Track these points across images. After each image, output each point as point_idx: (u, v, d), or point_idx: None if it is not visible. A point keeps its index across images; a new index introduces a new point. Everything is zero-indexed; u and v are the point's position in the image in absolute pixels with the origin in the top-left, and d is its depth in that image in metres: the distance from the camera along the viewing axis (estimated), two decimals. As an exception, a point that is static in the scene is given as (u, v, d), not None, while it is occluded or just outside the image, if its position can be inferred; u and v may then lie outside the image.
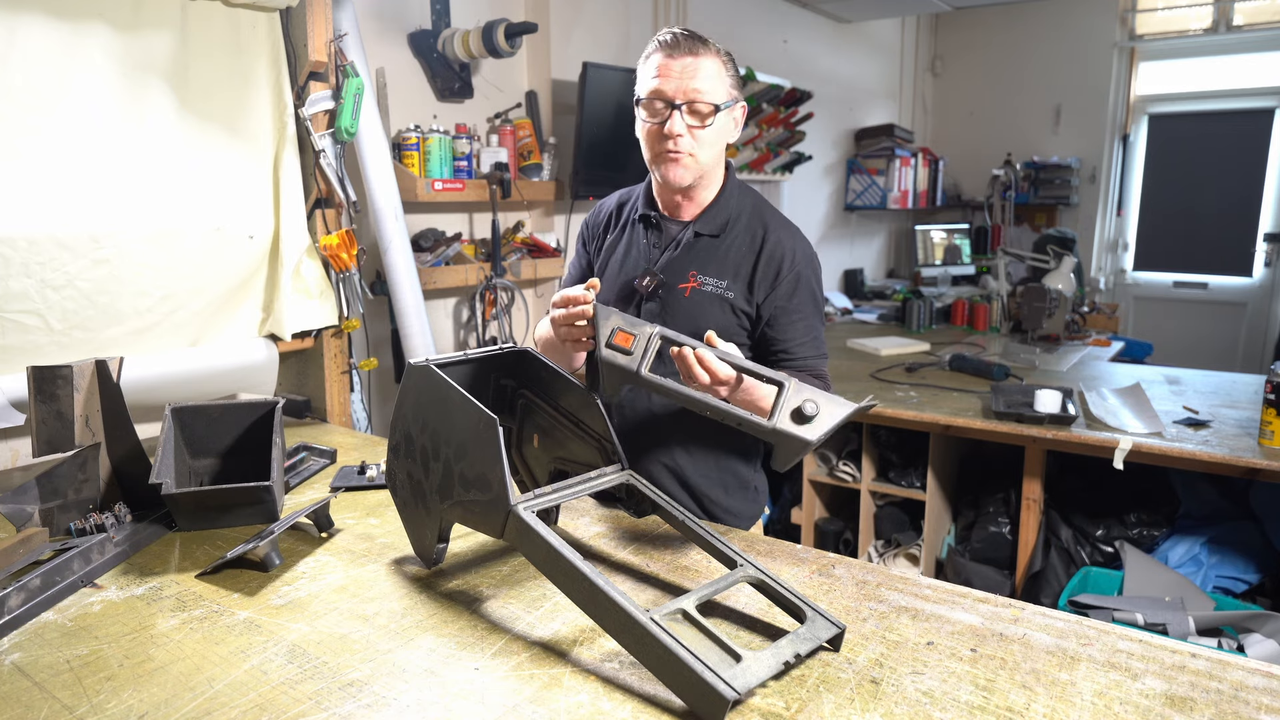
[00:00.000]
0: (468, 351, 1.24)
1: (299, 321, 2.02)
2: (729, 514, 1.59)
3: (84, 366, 1.43)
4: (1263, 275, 5.52)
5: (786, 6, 4.65)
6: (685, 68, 1.39)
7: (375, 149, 2.22)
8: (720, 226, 1.50)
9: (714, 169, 1.50)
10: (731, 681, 0.84)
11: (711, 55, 1.41)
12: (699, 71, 1.39)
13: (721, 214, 1.51)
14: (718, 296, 1.47)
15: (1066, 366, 3.23)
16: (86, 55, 1.67)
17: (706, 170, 1.47)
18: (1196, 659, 0.95)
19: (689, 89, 1.39)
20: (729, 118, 1.45)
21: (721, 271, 1.48)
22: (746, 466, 1.62)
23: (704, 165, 1.46)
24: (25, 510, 1.29)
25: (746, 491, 1.63)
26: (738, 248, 1.49)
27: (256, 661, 0.98)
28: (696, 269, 1.49)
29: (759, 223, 1.51)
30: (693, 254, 1.50)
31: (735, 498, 1.60)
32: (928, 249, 5.52)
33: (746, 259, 1.48)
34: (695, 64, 1.39)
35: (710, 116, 1.40)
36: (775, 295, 1.47)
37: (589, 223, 1.69)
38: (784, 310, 1.47)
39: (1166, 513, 2.66)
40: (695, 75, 1.39)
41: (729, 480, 1.59)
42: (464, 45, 2.73)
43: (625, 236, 1.59)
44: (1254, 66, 5.37)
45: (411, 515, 1.19)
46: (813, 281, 1.51)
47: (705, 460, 1.56)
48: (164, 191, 1.80)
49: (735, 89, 1.45)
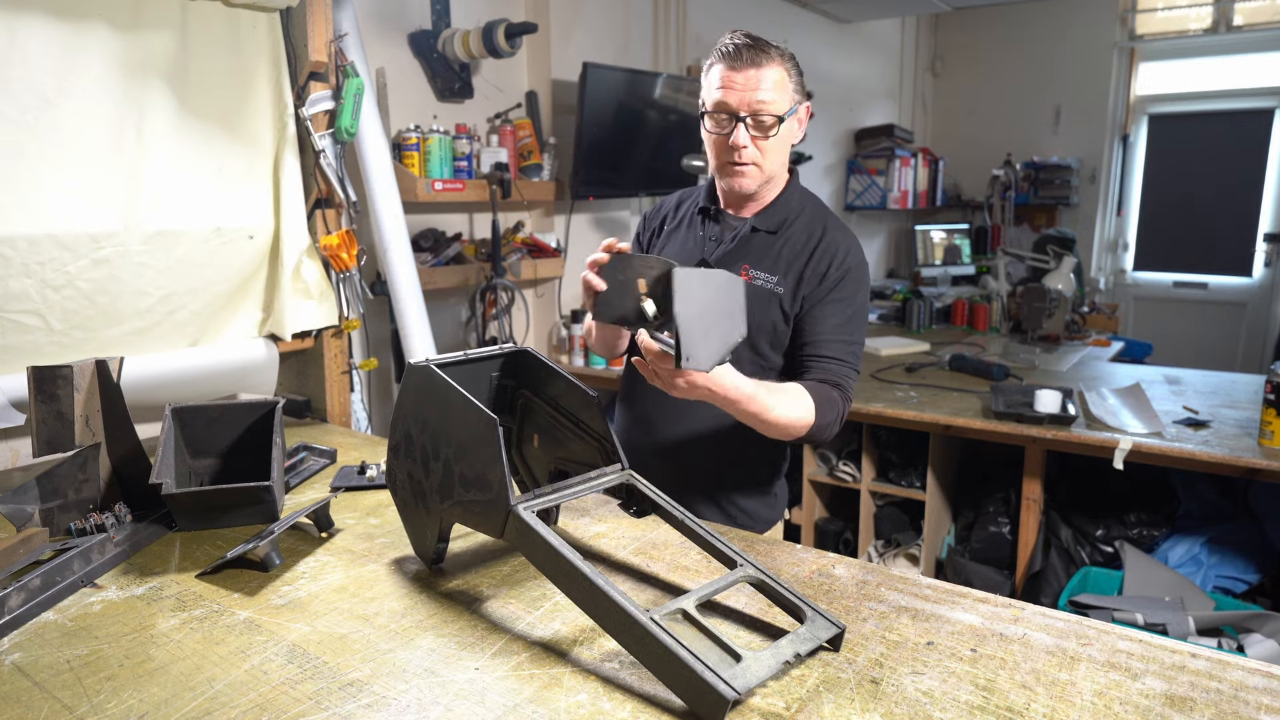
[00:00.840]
0: (468, 351, 1.24)
1: (299, 321, 2.02)
2: (746, 515, 1.61)
3: (84, 366, 1.43)
4: (1263, 275, 5.52)
5: (786, 6, 4.66)
6: (749, 79, 1.39)
7: (375, 149, 2.22)
8: (778, 224, 1.50)
9: (779, 172, 1.51)
10: (731, 681, 0.84)
11: (775, 64, 1.40)
12: (762, 83, 1.39)
13: (781, 212, 1.51)
14: (767, 292, 1.47)
15: (1066, 366, 3.23)
16: (86, 55, 1.67)
17: (772, 175, 1.49)
18: (1196, 659, 0.95)
19: (753, 101, 1.39)
20: (793, 123, 1.46)
21: (774, 268, 1.48)
22: (769, 470, 1.63)
23: (769, 172, 1.48)
24: (25, 510, 1.29)
25: (767, 497, 1.64)
26: (792, 245, 1.49)
27: (256, 661, 0.98)
28: (750, 263, 1.49)
29: (819, 223, 1.51)
30: (747, 248, 1.50)
31: (753, 500, 1.62)
32: (928, 249, 5.52)
33: (800, 257, 1.48)
34: (758, 75, 1.39)
35: (774, 127, 1.41)
36: (819, 289, 1.46)
37: (647, 217, 1.70)
38: (821, 302, 1.45)
39: (1166, 513, 2.66)
40: (759, 87, 1.39)
41: (748, 481, 1.61)
42: (464, 45, 2.73)
43: (683, 229, 1.60)
44: (1254, 66, 5.37)
45: (411, 515, 1.19)
46: (858, 283, 1.49)
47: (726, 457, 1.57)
48: (164, 191, 1.80)
49: (798, 92, 1.45)
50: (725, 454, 1.57)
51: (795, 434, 1.38)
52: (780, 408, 1.32)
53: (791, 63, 1.44)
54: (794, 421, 1.35)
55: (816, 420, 1.37)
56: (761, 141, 1.42)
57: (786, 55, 1.44)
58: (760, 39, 1.42)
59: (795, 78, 1.44)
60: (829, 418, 1.40)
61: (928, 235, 5.53)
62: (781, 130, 1.42)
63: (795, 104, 1.43)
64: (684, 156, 3.24)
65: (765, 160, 1.44)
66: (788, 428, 1.36)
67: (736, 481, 1.59)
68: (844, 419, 1.45)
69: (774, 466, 1.64)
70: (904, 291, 4.76)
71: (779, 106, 1.40)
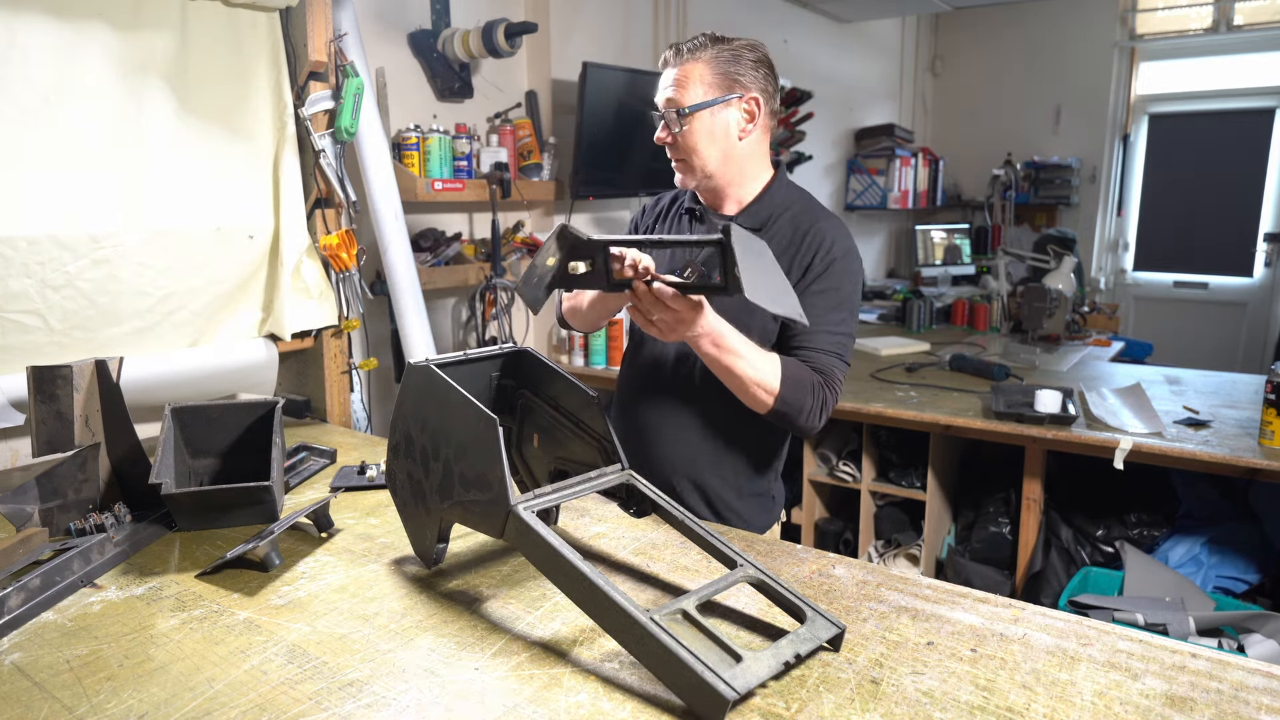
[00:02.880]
0: (468, 351, 1.24)
1: (299, 321, 2.02)
2: (740, 519, 1.59)
3: (84, 366, 1.43)
4: (1263, 275, 5.52)
5: (786, 6, 4.66)
6: (665, 79, 1.46)
7: (375, 149, 2.22)
8: (762, 220, 1.49)
9: (733, 167, 1.49)
10: (731, 681, 0.84)
11: (691, 62, 1.43)
12: (673, 79, 1.44)
13: (765, 209, 1.50)
14: None
15: (1066, 366, 3.23)
16: (86, 55, 1.67)
17: (717, 171, 1.47)
18: (1197, 659, 0.95)
19: (665, 99, 1.45)
20: (716, 116, 1.44)
21: None
22: (764, 472, 1.62)
23: (709, 166, 1.46)
24: (25, 510, 1.29)
25: (762, 499, 1.62)
26: (778, 241, 1.47)
27: (256, 661, 0.98)
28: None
29: (806, 217, 1.49)
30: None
31: (748, 503, 1.61)
32: (928, 249, 5.51)
33: (786, 252, 1.46)
34: (672, 74, 1.45)
35: (681, 121, 1.43)
36: (804, 280, 1.45)
37: (646, 208, 1.71)
38: (805, 293, 1.44)
39: (1166, 513, 2.66)
40: (670, 86, 1.44)
41: (744, 484, 1.59)
42: (464, 45, 2.73)
43: (670, 231, 1.60)
44: (1254, 66, 5.37)
45: (411, 515, 1.19)
46: (846, 273, 1.47)
47: (721, 462, 1.57)
48: (164, 191, 1.80)
49: (723, 87, 1.43)
50: (720, 458, 1.57)
51: (762, 402, 1.37)
52: (754, 365, 1.34)
53: (722, 59, 1.43)
54: (762, 383, 1.35)
55: (781, 393, 1.36)
56: (677, 134, 1.44)
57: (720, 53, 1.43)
58: (699, 41, 1.44)
59: (721, 71, 1.43)
60: (800, 398, 1.38)
61: (928, 235, 5.53)
62: (695, 123, 1.42)
63: (717, 95, 1.43)
64: (684, 156, 3.23)
65: (693, 156, 1.46)
66: (755, 390, 1.35)
67: (731, 485, 1.59)
68: (827, 409, 1.42)
69: (769, 469, 1.63)
70: (904, 291, 4.76)
71: (688, 99, 1.42)
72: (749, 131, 1.47)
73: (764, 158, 1.53)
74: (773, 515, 1.66)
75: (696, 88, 1.42)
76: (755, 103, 1.46)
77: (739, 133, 1.46)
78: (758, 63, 1.45)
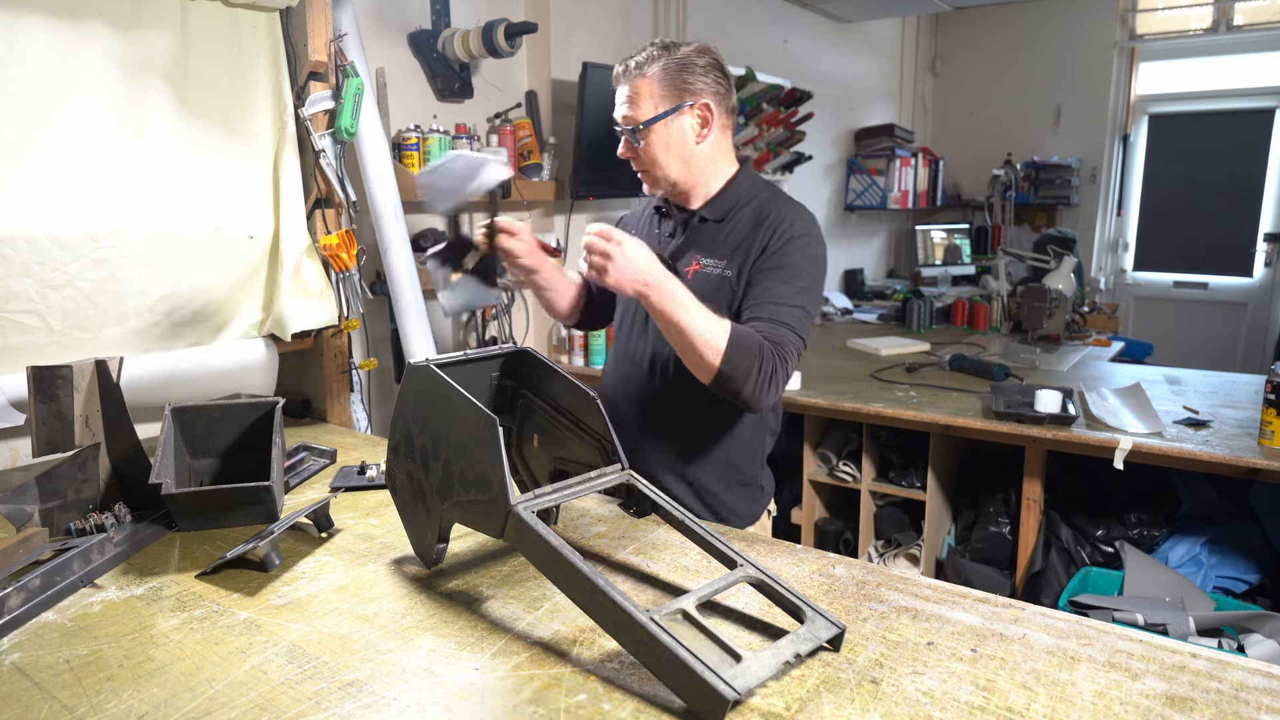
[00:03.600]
0: (468, 351, 1.24)
1: (299, 321, 2.02)
2: (730, 511, 1.61)
3: (84, 366, 1.43)
4: (1263, 275, 5.52)
5: (786, 6, 4.66)
6: (620, 96, 1.52)
7: (375, 149, 2.22)
8: (724, 212, 1.53)
9: (696, 171, 1.53)
10: (731, 681, 0.84)
11: (638, 79, 1.48)
12: (625, 97, 1.50)
13: (728, 200, 1.54)
14: (717, 276, 1.50)
15: (1067, 366, 3.23)
16: (86, 55, 1.67)
17: (680, 178, 1.53)
18: (1197, 659, 0.95)
19: (622, 116, 1.52)
20: (671, 126, 1.49)
21: (720, 252, 1.51)
22: (751, 463, 1.63)
23: (671, 174, 1.52)
24: (25, 510, 1.29)
25: (750, 489, 1.64)
26: (740, 229, 1.51)
27: (256, 661, 0.98)
28: (699, 252, 1.53)
29: (770, 206, 1.52)
30: (697, 238, 1.55)
31: (737, 494, 1.62)
32: (928, 249, 5.51)
33: (747, 238, 1.50)
34: (624, 92, 1.51)
35: (639, 136, 1.49)
36: (760, 260, 1.46)
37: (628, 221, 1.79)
38: (761, 270, 1.45)
39: (1166, 513, 2.66)
40: (624, 103, 1.51)
41: (730, 475, 1.61)
42: (464, 45, 2.73)
43: (644, 232, 1.67)
44: (1254, 66, 5.37)
45: (411, 515, 1.19)
46: (803, 251, 1.45)
47: (707, 454, 1.59)
48: (164, 191, 1.80)
49: (674, 97, 1.48)
50: (705, 451, 1.58)
51: (708, 364, 1.33)
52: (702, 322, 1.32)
53: (669, 70, 1.47)
54: (709, 342, 1.32)
55: (727, 353, 1.32)
56: (638, 148, 1.51)
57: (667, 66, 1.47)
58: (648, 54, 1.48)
59: (669, 83, 1.47)
60: (747, 363, 1.33)
61: (928, 235, 5.53)
62: (653, 136, 1.48)
63: (670, 107, 1.48)
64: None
65: (655, 167, 1.52)
66: (702, 349, 1.32)
67: (719, 477, 1.60)
68: (777, 380, 1.37)
69: (755, 459, 1.64)
70: (904, 291, 4.76)
71: (642, 114, 1.48)
72: (705, 135, 1.51)
73: (726, 156, 1.57)
74: (760, 505, 1.67)
75: (648, 102, 1.48)
76: (707, 108, 1.50)
77: (695, 138, 1.51)
78: (707, 67, 1.49)
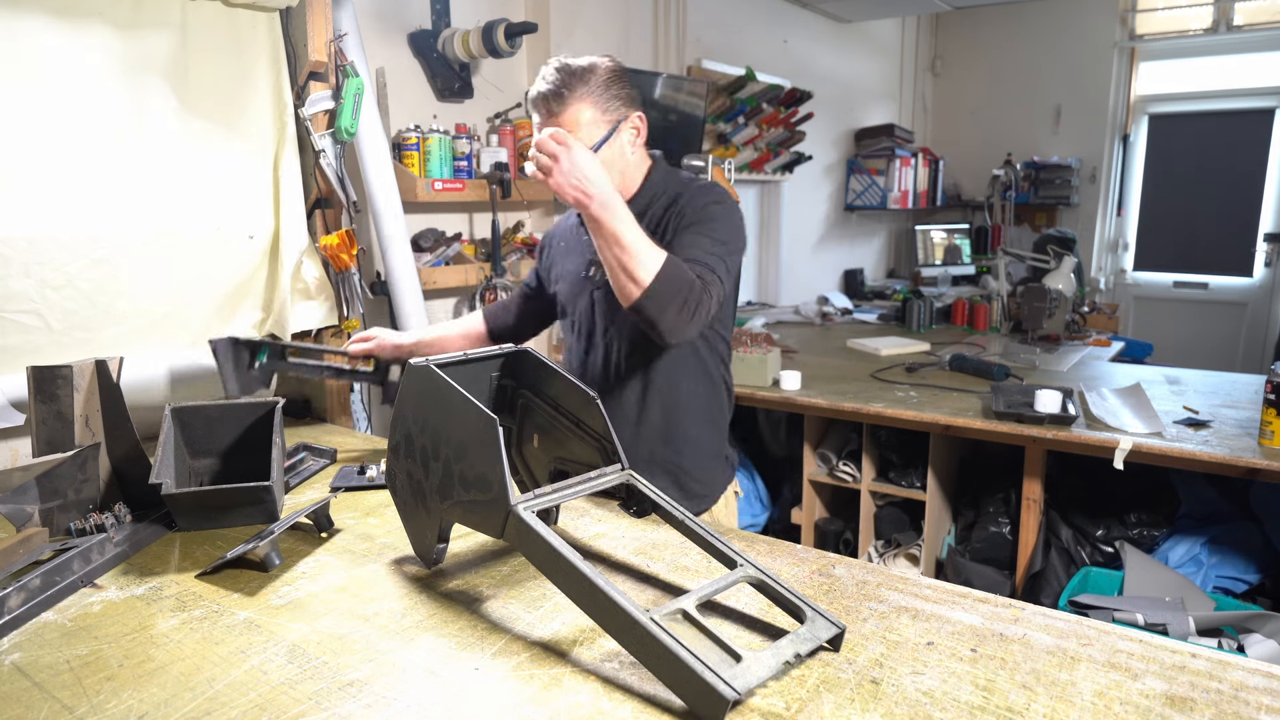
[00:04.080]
0: (468, 352, 1.24)
1: (299, 321, 2.02)
2: (703, 485, 1.67)
3: (84, 366, 1.44)
4: (1263, 275, 5.52)
5: (786, 6, 4.66)
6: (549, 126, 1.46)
7: (375, 149, 2.22)
8: (645, 206, 1.57)
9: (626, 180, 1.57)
10: (731, 681, 0.84)
11: (571, 105, 1.46)
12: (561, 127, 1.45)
13: (645, 195, 1.58)
14: None
15: (1066, 366, 3.23)
16: (86, 55, 1.67)
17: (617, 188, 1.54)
18: (1197, 659, 0.95)
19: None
20: (612, 147, 1.50)
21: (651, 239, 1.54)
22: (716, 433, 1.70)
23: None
24: (25, 510, 1.29)
25: (718, 460, 1.71)
26: (659, 217, 1.56)
27: (256, 661, 0.98)
28: None
29: (688, 192, 1.56)
30: None
31: (708, 466, 1.68)
32: (928, 249, 5.52)
33: (663, 217, 1.55)
34: (558, 123, 1.46)
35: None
36: (682, 223, 1.50)
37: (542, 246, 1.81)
38: (684, 231, 1.49)
39: (1166, 513, 2.66)
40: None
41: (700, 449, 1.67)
42: (464, 45, 2.73)
43: (570, 240, 1.71)
44: (1254, 66, 5.37)
45: (411, 515, 1.19)
46: (716, 218, 1.50)
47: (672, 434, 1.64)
48: (164, 191, 1.81)
49: (609, 114, 1.48)
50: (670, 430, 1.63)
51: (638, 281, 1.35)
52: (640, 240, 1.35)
53: (596, 91, 1.47)
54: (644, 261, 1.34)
55: (660, 272, 1.34)
56: None
57: (591, 87, 1.47)
58: (561, 78, 1.46)
59: (602, 102, 1.47)
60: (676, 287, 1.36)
61: (928, 235, 5.53)
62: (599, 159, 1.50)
63: (610, 128, 1.48)
64: (684, 157, 3.24)
65: None
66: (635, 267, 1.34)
67: (689, 455, 1.65)
68: (700, 312, 1.40)
69: (718, 429, 1.70)
70: (904, 291, 4.76)
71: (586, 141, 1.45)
72: (638, 145, 1.56)
73: (643, 156, 1.61)
74: (728, 476, 1.74)
75: (589, 130, 1.47)
76: (639, 119, 1.54)
77: (631, 150, 1.55)
78: (623, 80, 1.52)
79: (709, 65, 3.91)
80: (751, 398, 2.87)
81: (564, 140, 1.34)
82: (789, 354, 3.42)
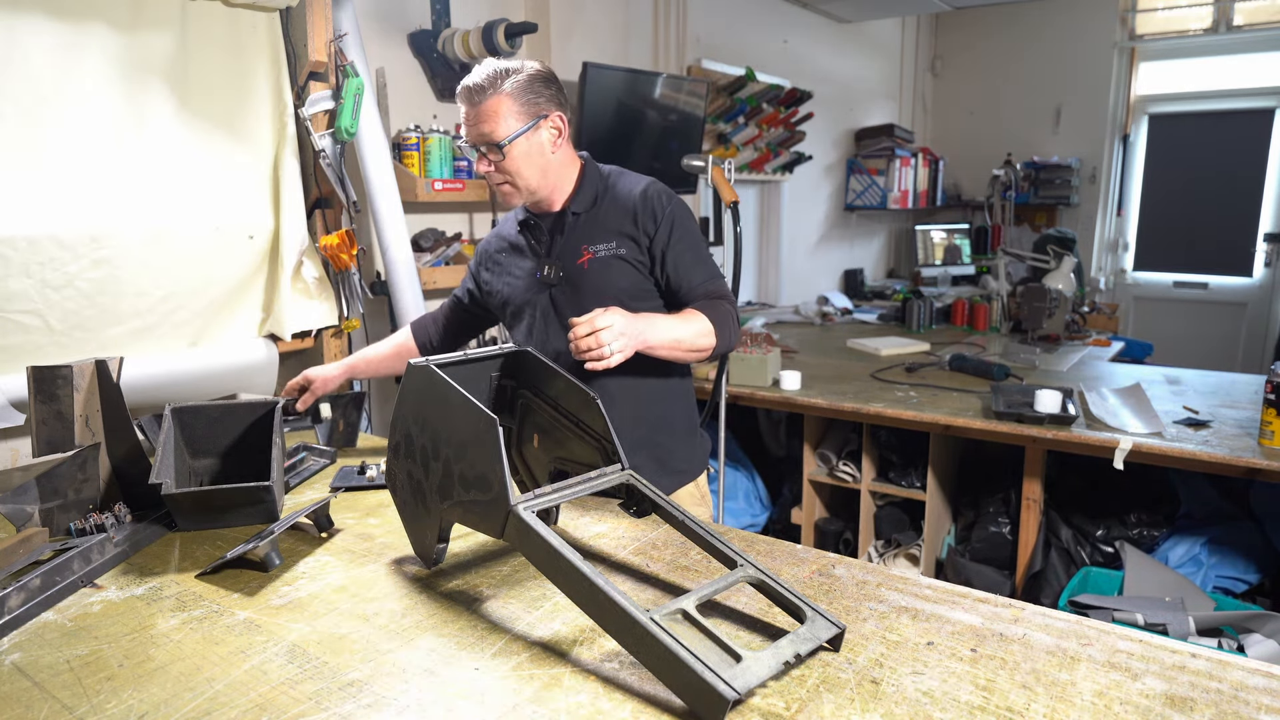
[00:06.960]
0: (468, 351, 1.24)
1: (299, 321, 2.02)
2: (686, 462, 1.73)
3: (84, 366, 1.43)
4: (1263, 275, 5.52)
5: (786, 6, 4.66)
6: (472, 116, 1.55)
7: (375, 149, 2.22)
8: (591, 201, 1.63)
9: (552, 177, 1.62)
10: (731, 681, 0.84)
11: (491, 98, 1.53)
12: (480, 117, 1.53)
13: (589, 190, 1.64)
14: (613, 258, 1.61)
15: (1066, 366, 3.23)
16: (86, 55, 1.67)
17: (539, 186, 1.61)
18: (1196, 659, 0.95)
19: (479, 134, 1.55)
20: (530, 141, 1.55)
21: (607, 236, 1.62)
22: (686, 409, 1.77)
23: (532, 184, 1.60)
24: (25, 510, 1.29)
25: (693, 435, 1.78)
26: (614, 212, 1.62)
27: (256, 661, 0.98)
28: (585, 243, 1.62)
29: (625, 185, 1.65)
30: (577, 232, 1.64)
31: (686, 443, 1.75)
32: (928, 249, 5.52)
33: (624, 217, 1.61)
34: (477, 112, 1.53)
35: (501, 152, 1.54)
36: (658, 237, 1.60)
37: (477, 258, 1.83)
38: (670, 249, 1.61)
39: (1166, 513, 2.66)
40: (479, 121, 1.54)
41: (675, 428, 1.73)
42: (464, 45, 2.73)
43: (512, 248, 1.73)
44: (1254, 66, 5.37)
45: (411, 515, 1.19)
46: (685, 218, 1.64)
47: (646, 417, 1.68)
48: (164, 191, 1.81)
49: (527, 112, 1.54)
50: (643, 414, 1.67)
51: (706, 351, 1.56)
52: (689, 330, 1.53)
53: (519, 88, 1.53)
54: (700, 337, 1.54)
55: (718, 333, 1.56)
56: (500, 164, 1.55)
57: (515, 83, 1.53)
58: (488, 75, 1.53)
59: (524, 100, 1.53)
60: (729, 329, 1.59)
61: (928, 235, 5.53)
62: (515, 150, 1.54)
63: (527, 123, 1.53)
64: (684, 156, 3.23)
65: (518, 179, 1.58)
66: (703, 346, 1.54)
67: (665, 436, 1.71)
68: (738, 319, 1.64)
69: (687, 404, 1.78)
70: (904, 291, 4.76)
71: (501, 132, 1.52)
72: (559, 145, 1.60)
73: (572, 158, 1.66)
74: (706, 449, 1.82)
75: (507, 120, 1.53)
76: (560, 119, 1.58)
77: (552, 148, 1.59)
78: (548, 82, 1.58)
79: (709, 65, 3.91)
80: (751, 398, 2.87)
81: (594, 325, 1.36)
82: (789, 354, 3.42)
